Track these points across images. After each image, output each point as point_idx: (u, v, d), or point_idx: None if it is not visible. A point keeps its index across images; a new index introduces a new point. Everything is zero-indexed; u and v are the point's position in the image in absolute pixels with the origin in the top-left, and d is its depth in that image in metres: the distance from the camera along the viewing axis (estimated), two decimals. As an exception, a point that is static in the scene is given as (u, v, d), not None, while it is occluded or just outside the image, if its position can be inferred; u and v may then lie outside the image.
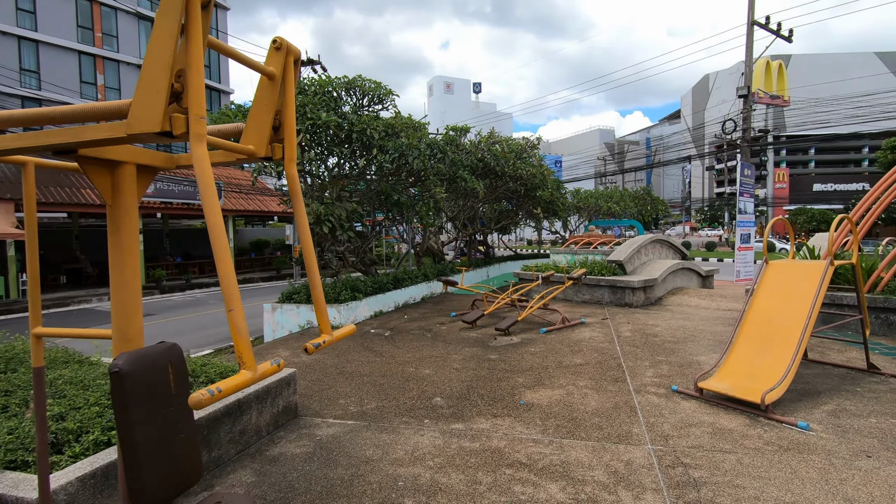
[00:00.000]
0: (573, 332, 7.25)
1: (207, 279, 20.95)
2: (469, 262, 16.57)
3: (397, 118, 9.64)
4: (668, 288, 10.17)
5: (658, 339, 6.63)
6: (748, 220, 19.34)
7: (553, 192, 15.57)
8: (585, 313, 8.84)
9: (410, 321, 8.55)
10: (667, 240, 11.26)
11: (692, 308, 9.06)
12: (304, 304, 8.31)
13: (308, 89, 8.65)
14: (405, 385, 4.96)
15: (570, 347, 6.33)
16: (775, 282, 4.68)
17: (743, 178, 18.98)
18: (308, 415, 4.19)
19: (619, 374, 5.10)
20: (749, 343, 4.44)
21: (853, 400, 4.17)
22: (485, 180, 14.08)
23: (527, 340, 6.80)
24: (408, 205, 9.81)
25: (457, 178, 11.87)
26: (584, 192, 22.70)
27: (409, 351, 6.42)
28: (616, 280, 9.47)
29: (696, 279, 11.08)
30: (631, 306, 9.35)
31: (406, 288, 10.58)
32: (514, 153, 14.53)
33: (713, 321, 7.79)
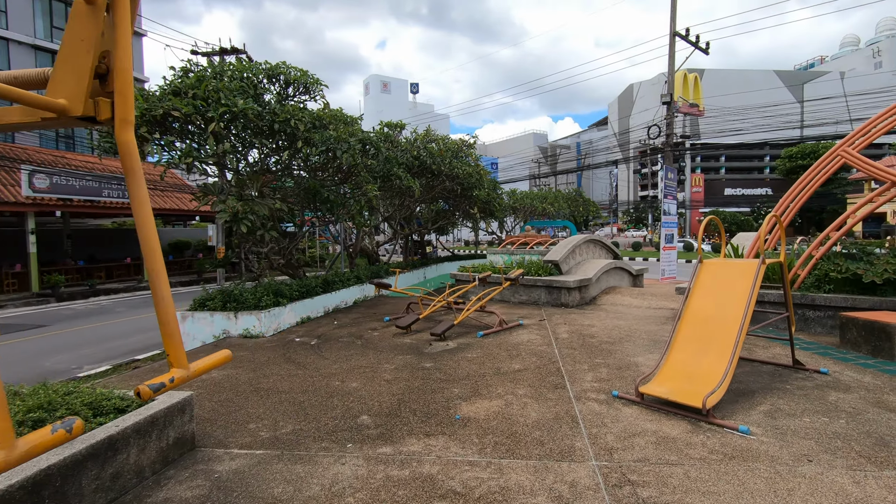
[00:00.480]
0: (511, 335, 7.01)
1: (116, 284, 18.95)
2: (405, 263, 16.10)
3: (326, 110, 9.00)
4: (601, 287, 10.26)
5: (595, 341, 6.53)
6: (671, 222, 20.36)
7: (490, 192, 15.46)
8: (523, 314, 8.67)
9: (340, 327, 7.96)
10: (600, 240, 11.42)
11: (625, 307, 9.16)
12: (219, 311, 7.48)
13: (224, 74, 7.81)
14: (329, 402, 4.42)
15: (508, 352, 6.06)
16: (710, 281, 4.64)
17: (667, 181, 19.96)
18: (208, 445, 3.56)
19: (558, 380, 4.86)
20: (687, 344, 4.34)
21: (785, 399, 4.16)
22: (421, 179, 13.69)
23: (463, 345, 6.45)
24: (338, 203, 9.19)
25: (391, 176, 11.38)
26: (519, 193, 22.93)
27: (337, 361, 5.86)
28: (552, 280, 9.39)
29: (628, 278, 11.31)
30: (567, 306, 9.31)
31: (337, 291, 9.94)
32: (451, 152, 14.26)
33: (646, 320, 7.86)
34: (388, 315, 8.89)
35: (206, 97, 7.09)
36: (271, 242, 9.26)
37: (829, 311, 6.53)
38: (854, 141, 6.39)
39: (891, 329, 5.19)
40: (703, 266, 4.80)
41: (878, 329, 5.32)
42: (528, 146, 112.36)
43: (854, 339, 5.60)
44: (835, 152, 6.47)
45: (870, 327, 5.41)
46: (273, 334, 7.55)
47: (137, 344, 9.39)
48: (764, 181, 68.40)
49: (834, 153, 6.47)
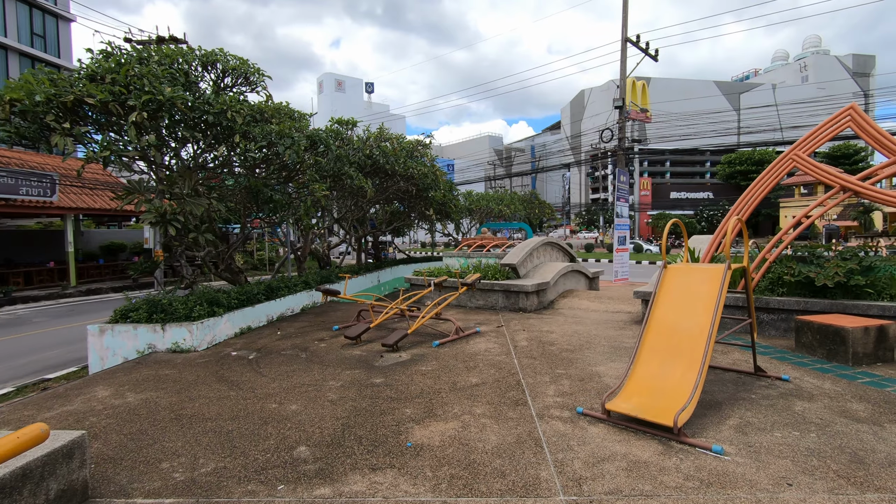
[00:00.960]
0: (468, 344, 6.63)
1: (37, 291, 17.22)
2: (359, 266, 15.47)
3: (269, 103, 8.33)
4: (559, 290, 10.10)
5: (555, 349, 6.26)
6: (624, 224, 20.72)
7: (445, 193, 15.09)
8: (480, 320, 8.33)
9: (284, 338, 7.33)
10: (557, 242, 11.29)
11: (583, 311, 9.01)
12: (143, 323, 6.69)
13: (150, 60, 7.02)
14: (262, 430, 3.87)
15: (465, 363, 5.67)
16: (675, 288, 4.42)
17: (619, 184, 20.30)
18: (106, 495, 2.95)
19: (519, 395, 4.51)
20: (653, 355, 4.09)
21: (753, 410, 3.98)
22: (374, 179, 13.15)
23: (417, 357, 6.01)
24: (283, 203, 8.53)
25: (342, 176, 10.79)
26: (476, 195, 22.72)
27: (277, 379, 5.27)
28: (510, 284, 9.11)
29: (584, 281, 11.23)
30: (525, 311, 9.05)
31: (282, 298, 9.26)
32: (406, 152, 13.79)
33: (605, 325, 7.69)
34: (338, 323, 8.32)
35: (128, 83, 6.30)
36: (208, 246, 8.47)
37: (783, 315, 6.55)
38: (804, 145, 6.44)
39: (845, 333, 5.18)
40: (668, 272, 4.58)
41: (832, 333, 5.31)
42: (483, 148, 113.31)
43: (809, 343, 5.58)
44: (787, 156, 6.51)
45: (824, 331, 5.39)
46: (206, 348, 6.83)
47: (55, 360, 8.36)
48: (706, 185, 71.88)
49: (786, 157, 6.51)
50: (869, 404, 4.09)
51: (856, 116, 6.07)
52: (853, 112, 6.07)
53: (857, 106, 6.05)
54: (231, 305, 7.63)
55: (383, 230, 17.76)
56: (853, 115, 6.09)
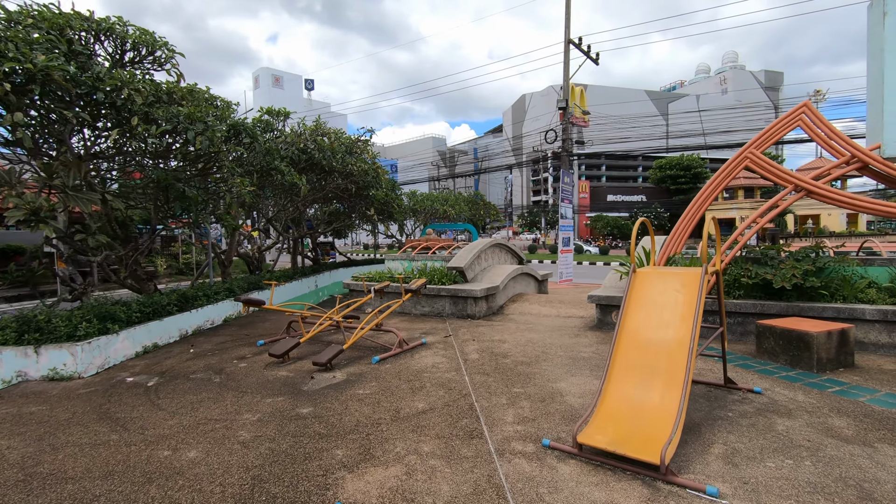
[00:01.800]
0: (413, 359, 5.89)
1: None
2: (294, 270, 14.29)
3: (181, 84, 7.18)
4: (508, 295, 9.58)
5: (509, 361, 5.65)
6: (568, 225, 20.75)
7: (388, 192, 14.25)
8: (426, 329, 7.61)
9: (197, 357, 6.25)
10: (505, 244, 10.79)
11: (535, 316, 8.52)
12: (10, 345, 5.40)
13: (21, 22, 5.73)
14: (141, 495, 2.94)
15: (410, 383, 4.93)
16: (647, 295, 3.92)
17: (563, 185, 20.29)
18: None
19: (473, 424, 3.83)
20: (627, 374, 3.55)
21: (736, 433, 3.53)
22: (309, 175, 12.10)
23: (354, 377, 5.20)
24: (197, 201, 7.39)
25: (272, 171, 9.71)
26: (420, 195, 22.01)
27: (178, 412, 4.28)
28: (458, 289, 8.47)
29: (534, 283, 10.81)
30: (474, 318, 8.44)
31: (201, 309, 8.09)
32: (345, 147, 12.84)
33: (559, 332, 7.21)
34: (265, 337, 7.31)
35: (-14, 48, 5.03)
36: (107, 250, 7.17)
37: (739, 318, 6.33)
38: (758, 143, 6.26)
39: (809, 339, 4.93)
40: (638, 277, 4.08)
41: (795, 338, 5.06)
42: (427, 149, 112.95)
43: (771, 349, 5.32)
44: (742, 154, 6.30)
45: (787, 336, 5.14)
46: (95, 374, 5.64)
47: None
48: (639, 189, 75.30)
49: (741, 155, 6.30)
50: (850, 419, 3.76)
51: (809, 114, 5.93)
52: (806, 110, 5.93)
53: (810, 104, 5.92)
54: (131, 320, 6.43)
55: (322, 231, 16.64)
56: (806, 113, 5.95)
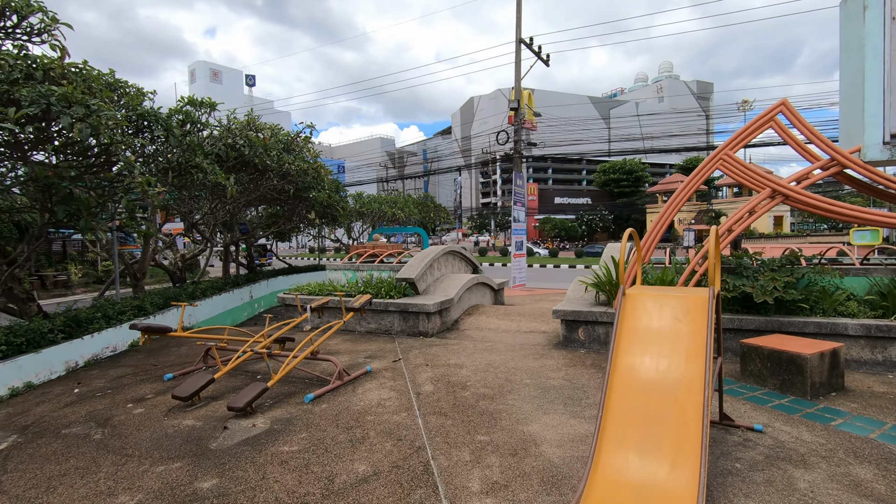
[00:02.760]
0: (355, 394, 4.93)
1: None
2: (224, 280, 12.84)
3: (63, 61, 5.83)
4: (464, 307, 8.78)
5: (469, 394, 4.82)
6: (521, 228, 20.30)
7: (331, 194, 13.10)
8: (372, 351, 6.65)
9: (81, 401, 4.98)
10: (459, 251, 10.00)
11: (493, 332, 7.76)
12: None
13: None
14: None
15: (350, 431, 3.98)
16: (641, 325, 3.19)
17: (516, 188, 19.81)
18: None
19: (430, 499, 2.95)
20: (624, 432, 2.79)
21: (755, 498, 2.86)
22: (239, 175, 10.78)
23: (281, 424, 4.17)
24: (90, 203, 6.06)
25: (192, 169, 8.41)
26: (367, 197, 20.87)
27: (20, 502, 3.11)
28: (408, 304, 7.56)
29: (490, 293, 10.08)
30: (426, 335, 7.56)
31: (98, 334, 6.72)
32: (283, 145, 11.61)
33: (522, 351, 6.47)
34: (177, 368, 6.09)
35: None
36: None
37: (715, 334, 5.82)
38: (733, 144, 5.79)
39: (802, 362, 4.42)
40: (628, 301, 3.34)
41: (786, 361, 4.54)
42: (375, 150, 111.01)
43: (758, 372, 4.80)
44: (717, 155, 5.81)
45: (777, 358, 4.62)
46: (-72, 433, 4.28)
47: None
48: (584, 192, 77.31)
49: (716, 156, 5.81)
50: (873, 467, 3.20)
51: (787, 113, 5.51)
52: (784, 109, 5.51)
53: (788, 102, 5.51)
54: (-8, 355, 5.06)
55: (259, 235, 15.20)
56: (783, 112, 5.53)
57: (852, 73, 5.49)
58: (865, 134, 5.15)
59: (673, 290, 3.49)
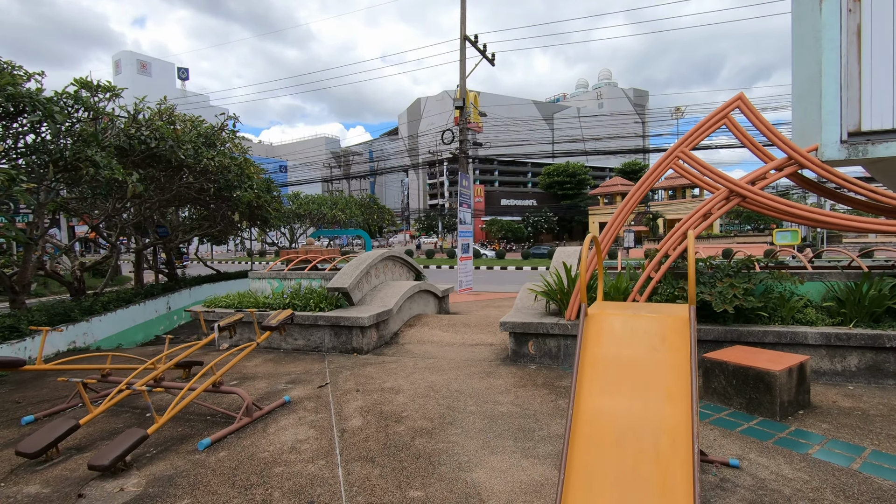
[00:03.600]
0: (265, 435, 4.05)
1: None
2: (136, 290, 11.36)
3: None
4: (404, 318, 8.01)
5: (404, 429, 4.07)
6: (467, 231, 19.75)
7: (261, 193, 11.94)
8: (296, 374, 5.75)
9: None
10: (399, 256, 9.21)
11: (436, 346, 7.04)
12: None
13: None
14: None
15: (247, 496, 3.12)
16: (608, 353, 2.57)
17: (462, 188, 19.24)
18: None
19: None
20: (593, 494, 2.14)
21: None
22: (149, 171, 9.47)
23: (158, 486, 3.24)
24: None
25: (80, 162, 7.13)
26: (304, 198, 19.58)
27: None
28: (340, 317, 6.70)
29: (433, 301, 9.37)
30: (361, 352, 6.73)
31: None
32: (202, 138, 10.36)
33: (468, 369, 5.79)
34: (43, 405, 4.92)
35: None
36: None
37: (672, 345, 5.40)
38: (689, 141, 5.41)
39: (770, 379, 4.01)
40: (592, 323, 2.72)
41: (753, 378, 4.13)
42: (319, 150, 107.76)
43: (723, 390, 4.37)
44: (672, 153, 5.40)
45: (743, 375, 4.20)
46: None
47: None
48: (530, 194, 78.58)
49: (671, 154, 5.40)
50: (869, 511, 2.76)
51: (743, 109, 5.18)
52: (741, 104, 5.17)
53: (745, 97, 5.17)
54: None
55: (183, 239, 13.70)
56: (740, 107, 5.19)
57: (806, 68, 5.24)
58: (823, 132, 4.88)
59: (643, 308, 2.90)
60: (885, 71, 4.68)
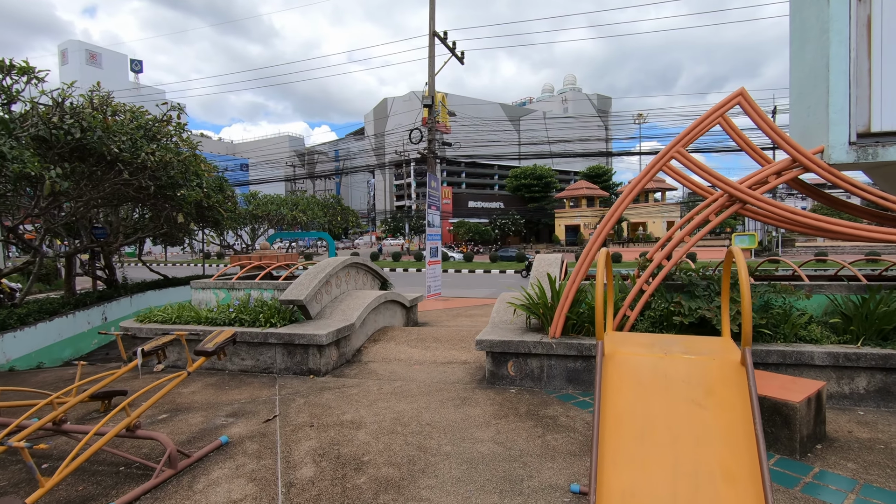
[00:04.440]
0: (190, 495, 3.24)
1: None
2: (66, 299, 10.10)
3: None
4: (368, 332, 7.25)
5: (365, 481, 3.34)
6: (435, 234, 19.05)
7: (211, 193, 10.89)
8: (241, 403, 4.91)
9: None
10: (363, 263, 8.43)
11: (404, 365, 6.31)
12: None
13: None
14: None
15: None
16: (639, 410, 1.94)
17: (430, 189, 18.53)
18: None
19: None
20: None
21: None
22: (78, 165, 8.34)
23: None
24: None
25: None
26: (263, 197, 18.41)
27: None
28: (295, 333, 5.89)
29: (401, 312, 8.64)
30: (318, 373, 5.94)
31: None
32: (143, 130, 9.28)
33: (440, 394, 5.09)
34: None
35: None
36: None
37: (667, 366, 4.88)
38: (686, 139, 4.90)
39: (789, 411, 3.51)
40: (612, 367, 2.08)
41: (768, 409, 3.62)
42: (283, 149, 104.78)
43: (732, 422, 3.83)
44: (667, 153, 4.89)
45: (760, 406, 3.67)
46: None
47: None
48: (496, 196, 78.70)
49: (667, 154, 4.88)
50: None
51: (745, 106, 4.71)
52: (742, 100, 4.70)
53: (746, 92, 4.71)
54: None
55: (122, 242, 12.43)
56: (742, 104, 4.72)
57: (808, 64, 4.83)
58: (830, 133, 4.46)
59: (673, 343, 2.28)
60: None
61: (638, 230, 56.77)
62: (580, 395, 5.01)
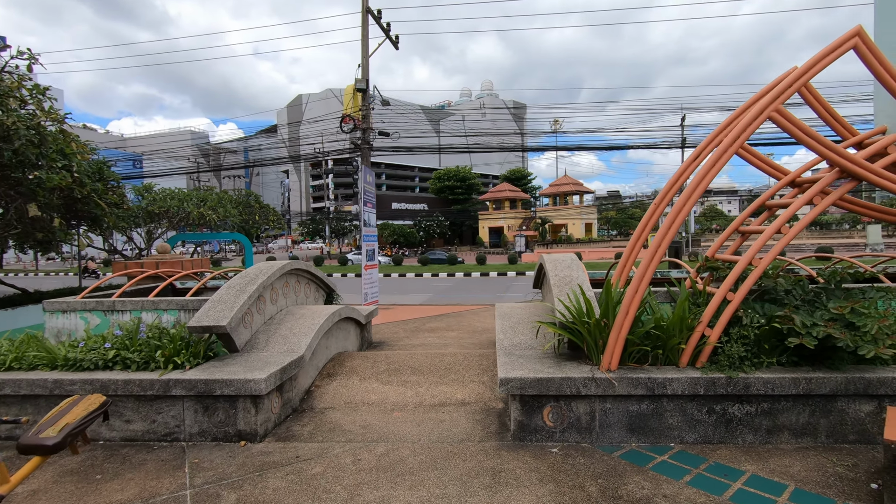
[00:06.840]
0: None
1: None
2: None
3: None
4: (319, 364, 5.29)
5: None
6: (371, 234, 16.96)
7: (84, 179, 8.16)
8: (116, 525, 2.82)
9: None
10: (306, 270, 6.41)
11: (378, 413, 4.46)
12: None
13: None
14: None
15: None
16: None
17: (366, 185, 16.34)
18: None
19: None
20: None
21: None
22: None
23: None
24: None
25: None
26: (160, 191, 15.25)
27: None
28: (214, 380, 3.84)
29: (354, 330, 6.73)
30: (254, 437, 3.92)
31: None
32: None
33: (451, 466, 3.34)
34: None
35: None
36: None
37: (765, 403, 3.57)
38: (812, 70, 3.62)
39: None
40: None
41: None
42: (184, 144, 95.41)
43: (935, 501, 2.54)
44: (790, 85, 3.56)
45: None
46: None
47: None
48: (420, 198, 77.43)
49: (789, 86, 3.55)
50: None
51: (861, 47, 3.52)
52: (859, 40, 3.51)
53: (863, 30, 3.52)
54: None
55: None
56: (857, 47, 3.53)
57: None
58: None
59: None
60: None
61: (560, 231, 58.21)
62: (648, 449, 3.55)
